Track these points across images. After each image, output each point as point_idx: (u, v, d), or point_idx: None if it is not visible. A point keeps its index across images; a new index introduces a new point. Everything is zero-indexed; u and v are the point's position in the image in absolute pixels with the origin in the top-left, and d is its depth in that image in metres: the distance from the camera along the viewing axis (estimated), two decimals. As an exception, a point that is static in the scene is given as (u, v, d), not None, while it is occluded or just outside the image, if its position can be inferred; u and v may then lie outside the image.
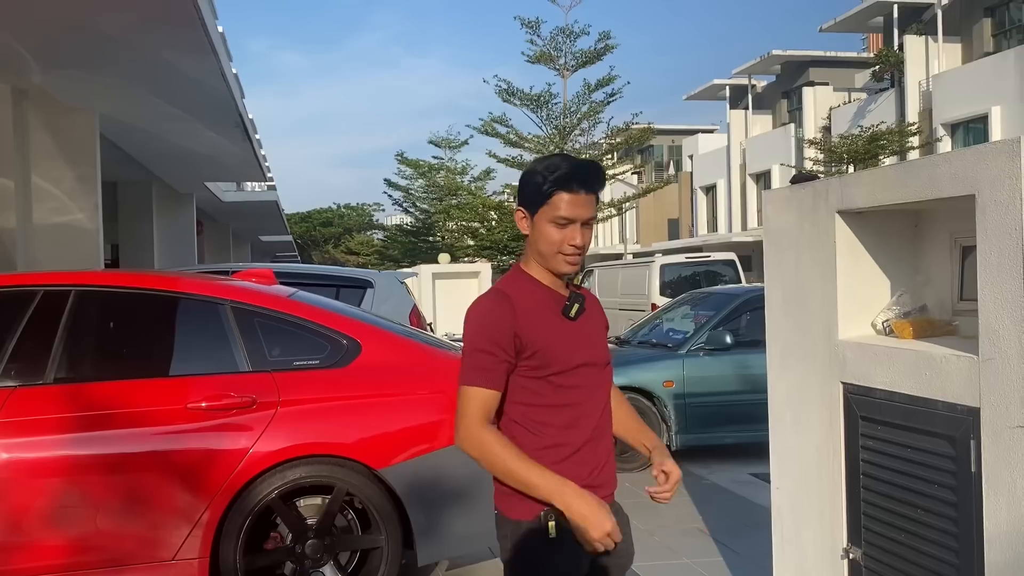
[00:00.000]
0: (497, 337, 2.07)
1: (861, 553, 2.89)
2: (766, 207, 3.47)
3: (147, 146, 13.67)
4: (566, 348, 2.13)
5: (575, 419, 2.13)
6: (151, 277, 4.21)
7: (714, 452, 7.61)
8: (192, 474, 3.74)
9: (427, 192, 35.29)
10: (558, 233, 2.09)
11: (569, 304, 2.16)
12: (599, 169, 2.15)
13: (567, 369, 2.12)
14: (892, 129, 25.35)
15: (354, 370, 4.01)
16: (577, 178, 2.08)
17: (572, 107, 26.11)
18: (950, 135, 25.28)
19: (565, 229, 2.09)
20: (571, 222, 2.09)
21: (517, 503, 2.09)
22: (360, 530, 4.04)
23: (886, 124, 25.82)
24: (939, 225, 3.00)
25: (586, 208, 2.10)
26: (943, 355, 2.51)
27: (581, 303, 2.18)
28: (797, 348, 3.24)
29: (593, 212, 2.12)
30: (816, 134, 30.10)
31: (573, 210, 2.08)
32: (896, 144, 24.66)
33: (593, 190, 2.11)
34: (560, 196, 2.08)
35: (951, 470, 2.48)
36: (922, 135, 25.58)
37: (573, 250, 2.10)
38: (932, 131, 25.70)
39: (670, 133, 46.61)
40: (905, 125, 25.78)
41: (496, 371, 2.08)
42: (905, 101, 27.14)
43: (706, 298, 8.87)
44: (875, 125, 25.59)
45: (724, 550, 4.93)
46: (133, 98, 10.54)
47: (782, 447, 3.39)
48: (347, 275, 7.30)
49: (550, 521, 2.05)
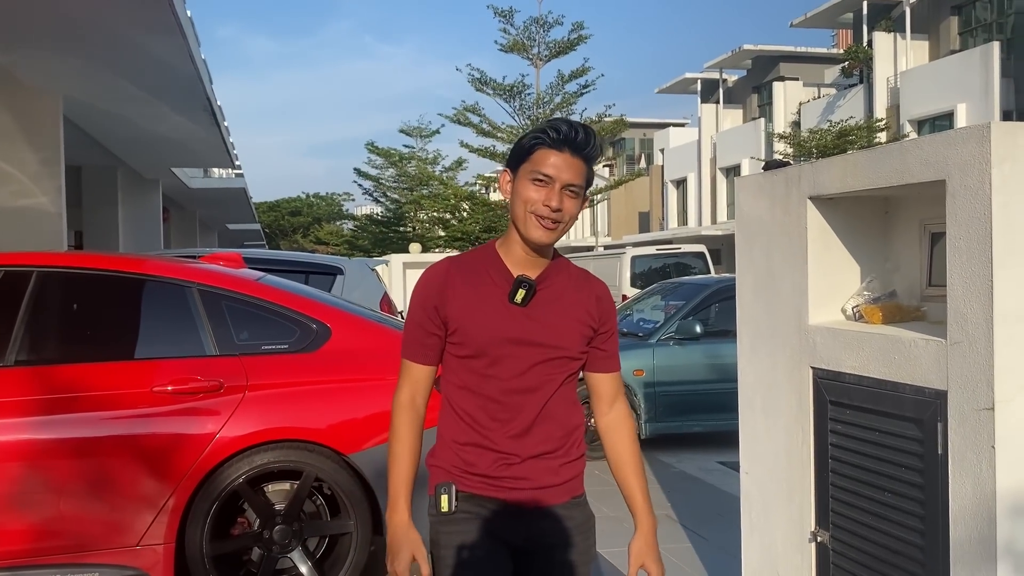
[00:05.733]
0: (422, 308, 2.00)
1: (829, 536, 2.92)
2: (738, 194, 3.48)
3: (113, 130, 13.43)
4: (491, 330, 1.96)
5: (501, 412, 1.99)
6: (116, 259, 4.15)
7: (683, 440, 7.67)
8: (158, 458, 3.69)
9: (398, 182, 35.05)
10: (535, 191, 1.93)
11: (515, 288, 1.97)
12: (591, 134, 1.96)
13: (488, 354, 1.96)
14: (860, 124, 25.67)
15: (324, 355, 3.98)
16: (565, 137, 1.92)
17: (545, 97, 26.09)
18: (917, 131, 25.62)
19: (544, 188, 1.92)
20: (551, 181, 1.92)
21: (431, 477, 2.05)
22: (329, 516, 4.02)
23: (855, 119, 26.14)
24: (909, 212, 3.02)
25: (571, 171, 1.93)
26: (912, 339, 2.53)
27: (531, 288, 1.97)
28: (767, 334, 3.26)
29: (580, 180, 1.94)
30: (786, 129, 30.38)
31: (555, 169, 1.92)
32: (864, 139, 24.96)
33: (581, 154, 1.94)
34: (543, 152, 1.93)
35: (918, 452, 2.51)
36: (889, 131, 25.92)
37: (548, 212, 1.92)
38: (899, 127, 26.04)
39: (642, 126, 46.72)
40: (873, 121, 26.10)
41: (423, 344, 2.01)
42: (873, 97, 27.46)
43: (676, 288, 8.92)
44: (844, 120, 25.90)
45: (693, 536, 4.96)
46: (99, 80, 10.34)
47: (751, 432, 3.41)
48: (317, 261, 7.25)
49: (442, 495, 1.98)
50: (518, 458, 1.99)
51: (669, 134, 42.52)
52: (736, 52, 34.97)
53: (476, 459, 1.99)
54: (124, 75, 10.23)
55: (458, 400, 2.02)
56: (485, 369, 1.98)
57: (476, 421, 2.00)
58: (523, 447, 2.00)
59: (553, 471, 2.02)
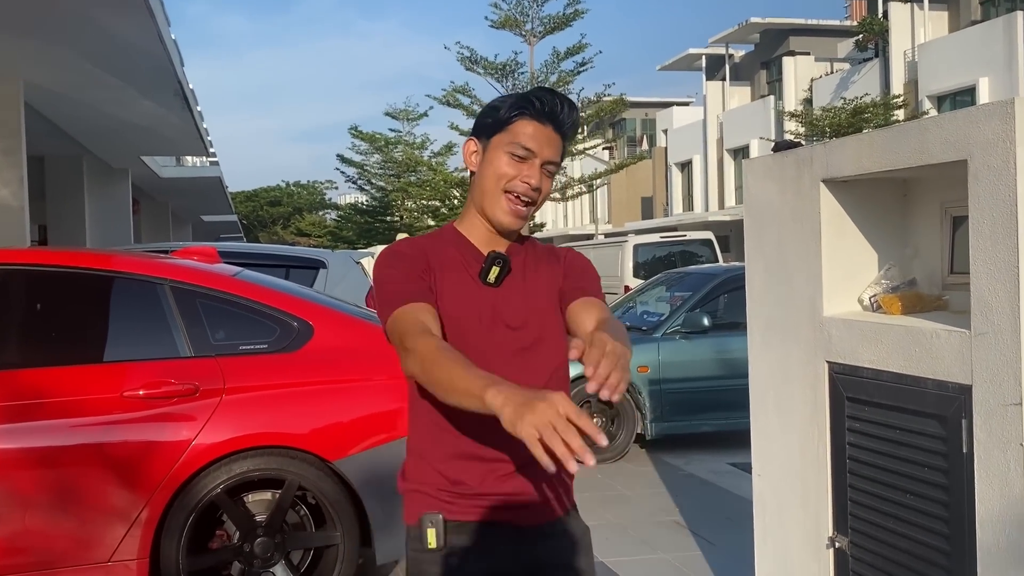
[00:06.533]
0: (409, 264, 1.82)
1: (847, 541, 2.93)
2: (747, 177, 3.48)
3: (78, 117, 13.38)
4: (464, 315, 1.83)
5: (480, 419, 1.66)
6: (82, 255, 4.13)
7: (691, 441, 7.67)
8: (130, 468, 3.68)
9: (384, 168, 35.01)
10: (512, 166, 1.82)
11: (487, 265, 1.85)
12: (574, 109, 1.88)
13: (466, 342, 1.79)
14: (876, 101, 25.65)
15: (306, 354, 3.97)
16: (551, 109, 1.83)
17: (540, 76, 26.00)
18: (936, 107, 25.64)
19: (522, 163, 1.82)
20: (532, 156, 1.82)
21: (408, 504, 1.91)
22: (314, 527, 4.01)
23: (870, 96, 26.11)
24: (929, 194, 3.02)
25: (550, 147, 1.84)
26: (933, 330, 2.53)
27: (506, 264, 1.86)
28: (779, 326, 3.26)
29: (557, 158, 1.86)
30: (797, 106, 30.38)
31: (537, 143, 1.82)
32: (881, 117, 24.96)
33: (561, 129, 1.85)
34: (524, 123, 1.82)
35: (942, 451, 2.51)
36: (908, 108, 25.92)
37: (526, 188, 1.82)
38: (918, 103, 26.05)
39: (643, 106, 46.76)
40: (890, 97, 26.10)
41: (414, 284, 1.79)
42: (890, 72, 27.47)
43: (682, 278, 8.92)
44: (858, 97, 25.87)
45: (703, 543, 4.97)
46: (62, 63, 10.29)
47: (764, 431, 3.41)
48: (298, 255, 7.25)
49: (428, 528, 1.83)
50: (511, 466, 1.85)
51: (673, 114, 42.55)
52: (743, 26, 34.95)
53: (462, 474, 1.85)
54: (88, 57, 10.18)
55: (433, 401, 1.81)
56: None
57: (458, 424, 1.84)
58: (515, 449, 1.80)
59: (548, 478, 1.90)
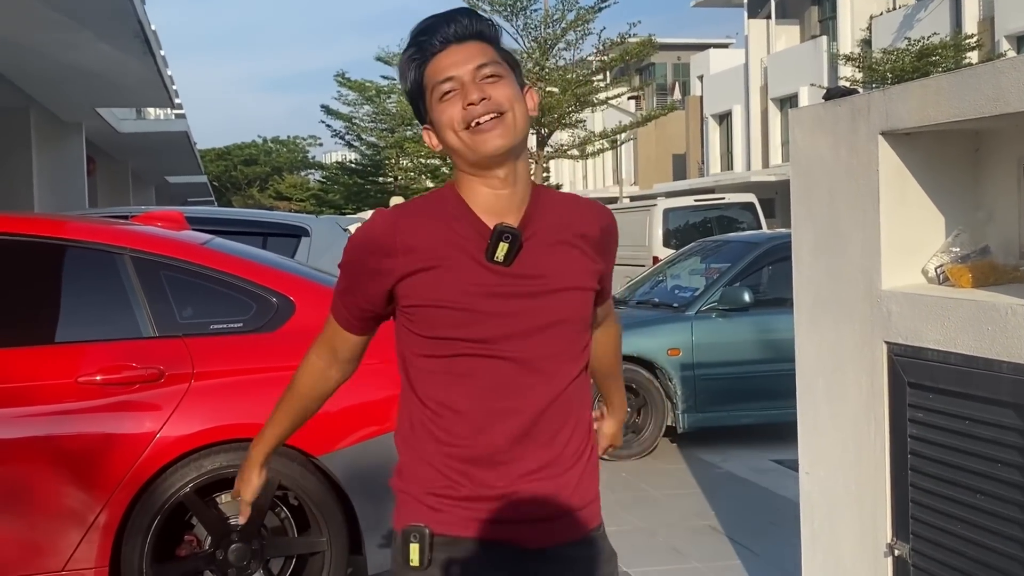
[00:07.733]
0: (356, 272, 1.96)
1: (909, 549, 2.93)
2: (794, 130, 3.46)
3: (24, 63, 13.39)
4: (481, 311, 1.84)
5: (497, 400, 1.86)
6: (30, 220, 4.14)
7: (729, 435, 7.69)
8: (86, 465, 3.71)
9: (375, 122, 34.94)
10: (451, 106, 1.86)
11: (493, 242, 1.84)
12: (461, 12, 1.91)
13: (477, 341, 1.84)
14: (946, 42, 25.45)
15: (286, 334, 3.98)
16: (436, 32, 1.88)
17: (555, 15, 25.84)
18: (1016, 48, 25.41)
19: (456, 96, 1.85)
20: (455, 82, 1.86)
21: (397, 506, 1.94)
22: (296, 531, 4.04)
23: (939, 36, 25.90)
24: (1005, 149, 3.01)
25: (467, 60, 1.86)
26: (1009, 306, 2.52)
27: (516, 240, 1.85)
28: (831, 301, 3.25)
29: (485, 58, 1.87)
30: (854, 49, 30.15)
31: (451, 68, 1.86)
32: (951, 60, 24.77)
33: (463, 38, 1.88)
34: (429, 66, 1.88)
35: (1018, 445, 2.51)
36: (982, 49, 25.72)
37: (476, 109, 1.83)
38: (994, 44, 25.82)
39: (675, 48, 46.48)
40: (961, 37, 25.89)
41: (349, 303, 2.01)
42: (962, 8, 27.22)
43: (719, 248, 8.91)
44: (925, 37, 25.67)
45: (742, 551, 4.99)
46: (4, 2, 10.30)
47: (813, 423, 3.41)
48: (277, 221, 7.28)
49: (412, 543, 1.85)
50: (516, 471, 1.84)
51: (709, 57, 42.26)
52: (792, -46, 34.66)
53: (459, 476, 1.85)
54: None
55: (429, 384, 1.89)
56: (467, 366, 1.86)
57: (460, 413, 1.86)
58: (527, 448, 1.85)
59: (565, 490, 1.88)
